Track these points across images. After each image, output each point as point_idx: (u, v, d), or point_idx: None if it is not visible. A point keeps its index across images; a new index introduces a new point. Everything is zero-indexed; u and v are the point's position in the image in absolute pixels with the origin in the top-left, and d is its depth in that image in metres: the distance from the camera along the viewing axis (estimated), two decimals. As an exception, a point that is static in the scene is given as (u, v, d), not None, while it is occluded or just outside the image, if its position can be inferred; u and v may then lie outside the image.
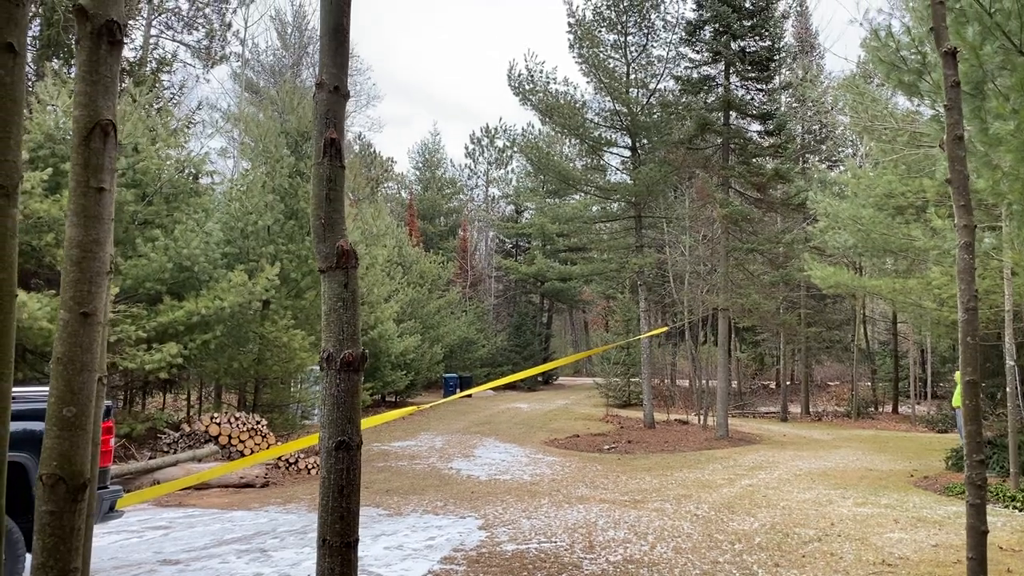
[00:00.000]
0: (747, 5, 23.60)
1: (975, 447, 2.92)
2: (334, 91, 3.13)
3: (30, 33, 19.88)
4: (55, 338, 1.84)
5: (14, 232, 1.86)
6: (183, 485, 7.76)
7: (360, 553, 8.26)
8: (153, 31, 27.64)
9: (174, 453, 13.37)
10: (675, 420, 25.75)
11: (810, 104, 30.73)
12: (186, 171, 15.08)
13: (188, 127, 17.14)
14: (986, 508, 3.03)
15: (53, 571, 1.75)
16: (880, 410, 32.33)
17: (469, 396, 34.55)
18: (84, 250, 1.83)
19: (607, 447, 19.24)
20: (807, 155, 33.16)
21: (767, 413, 32.09)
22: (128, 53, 19.84)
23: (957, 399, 17.92)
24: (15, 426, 6.55)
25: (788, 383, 34.25)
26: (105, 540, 8.64)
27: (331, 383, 3.03)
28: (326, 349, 3.06)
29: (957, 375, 18.36)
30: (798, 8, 37.67)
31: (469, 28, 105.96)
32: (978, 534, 2.88)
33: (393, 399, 30.42)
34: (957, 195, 2.97)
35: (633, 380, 31.62)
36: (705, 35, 24.23)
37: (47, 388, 1.92)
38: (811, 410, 32.12)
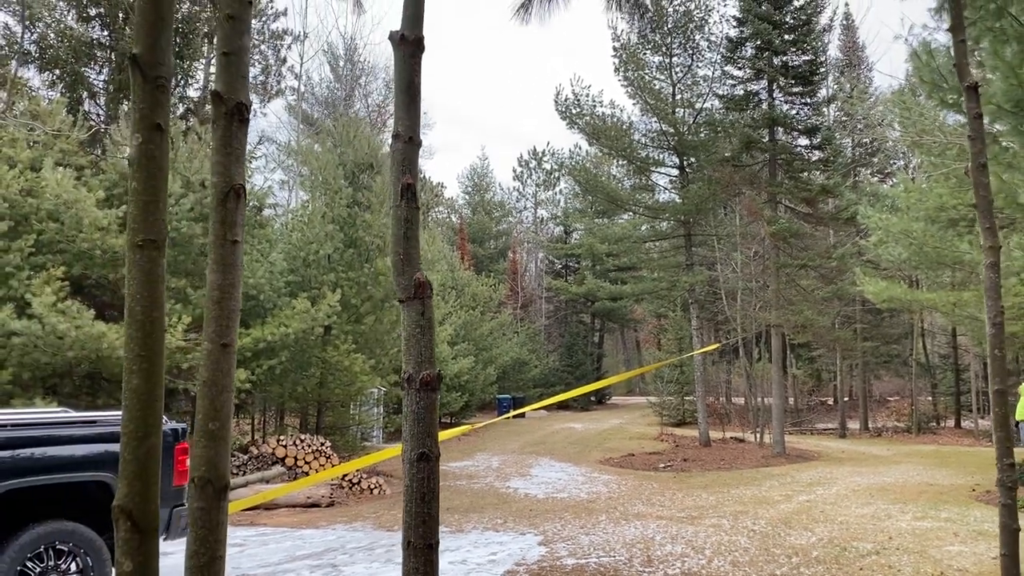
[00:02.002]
0: (787, 20, 23.72)
1: (1005, 451, 3.14)
2: (408, 141, 3.53)
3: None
4: (200, 365, 2.23)
5: (163, 277, 2.26)
6: (254, 503, 8.24)
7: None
8: (212, 69, 28.87)
9: (244, 475, 13.92)
10: (731, 438, 25.64)
11: (859, 118, 30.53)
12: (250, 204, 15.77)
13: (251, 161, 17.89)
14: (1017, 507, 3.23)
15: (204, 557, 2.13)
16: (942, 425, 31.64)
17: (522, 416, 34.81)
18: (223, 292, 2.22)
19: (662, 465, 19.32)
20: (858, 168, 32.88)
21: (825, 430, 31.67)
22: (193, 93, 20.86)
23: (1019, 412, 17.61)
24: (101, 448, 7.07)
25: (846, 399, 33.76)
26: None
27: (412, 401, 3.40)
28: (407, 371, 3.43)
29: (1021, 387, 18.09)
30: (844, 22, 37.49)
31: (516, 53, 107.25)
32: (1010, 531, 3.09)
33: (448, 420, 30.84)
34: (982, 218, 3.20)
35: (687, 398, 31.52)
36: (747, 52, 24.39)
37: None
38: (870, 426, 31.61)
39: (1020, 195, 7.08)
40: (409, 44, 3.54)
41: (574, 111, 24.42)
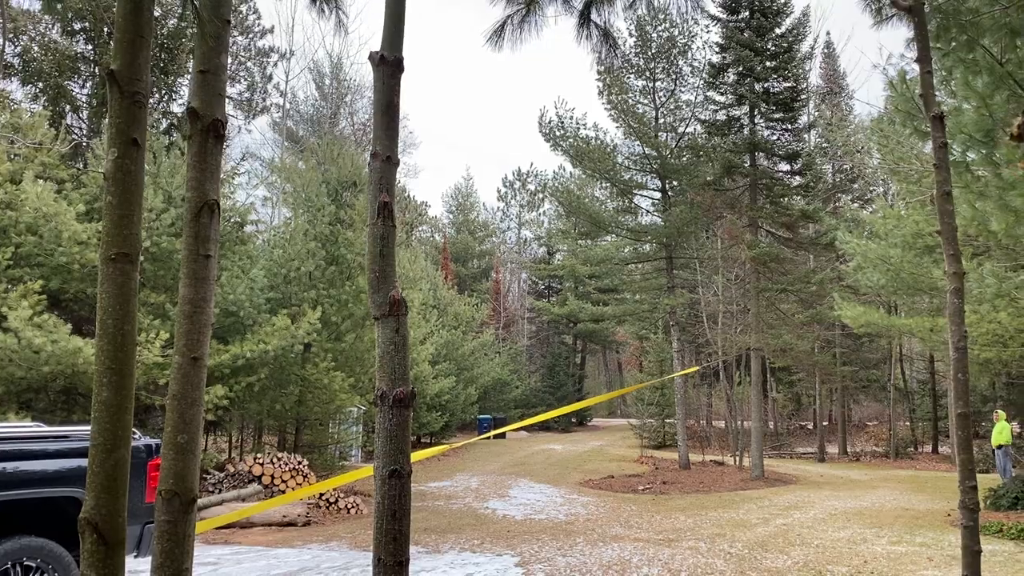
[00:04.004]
0: (769, 47, 24.05)
1: (967, 474, 3.19)
2: (386, 160, 3.57)
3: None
4: (170, 378, 2.24)
5: (136, 291, 2.28)
6: (228, 521, 8.16)
7: (401, 587, 8.54)
8: (198, 85, 28.77)
9: (219, 493, 13.79)
10: (710, 461, 25.68)
11: (838, 145, 30.95)
12: (232, 220, 15.74)
13: (233, 178, 17.88)
14: (978, 529, 3.28)
15: (169, 570, 2.13)
16: (919, 450, 31.87)
17: (503, 436, 34.70)
18: (194, 306, 2.24)
19: (642, 488, 19.31)
20: (839, 194, 33.26)
21: (804, 454, 31.80)
22: (177, 108, 20.84)
23: (996, 438, 17.78)
24: (72, 463, 7.00)
25: (825, 423, 33.94)
26: (158, 575, 9.02)
27: (384, 418, 3.41)
28: (380, 388, 3.44)
29: (998, 412, 18.32)
30: (825, 50, 38.09)
31: (502, 76, 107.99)
32: (972, 554, 3.13)
33: (428, 440, 30.70)
34: (947, 244, 3.28)
35: (668, 421, 31.57)
36: (729, 78, 24.70)
37: None
38: (849, 450, 31.77)
39: (992, 223, 7.22)
40: (389, 65, 3.59)
41: (558, 133, 24.59)
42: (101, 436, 2.15)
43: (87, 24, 20.20)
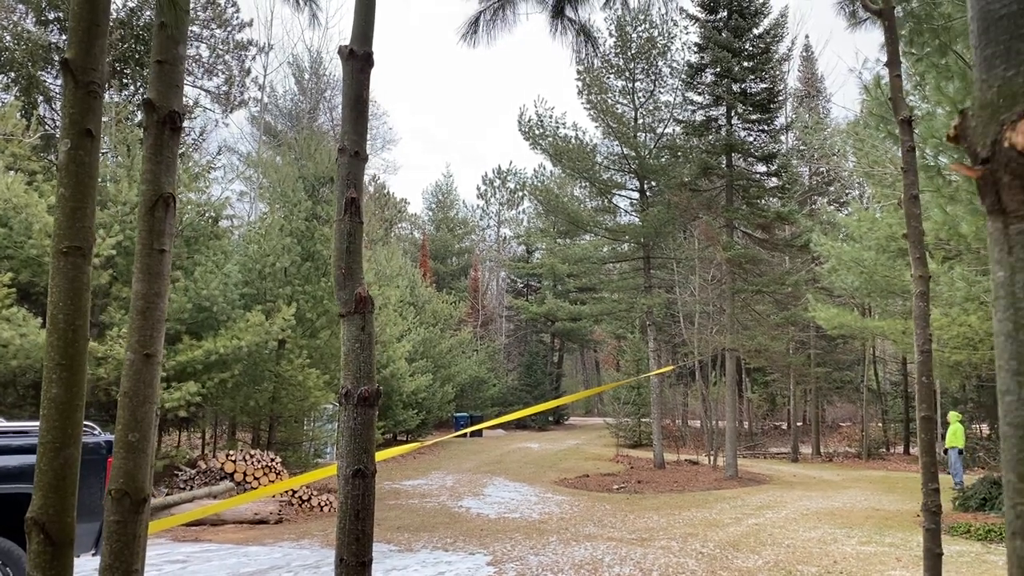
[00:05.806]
0: (747, 48, 24.17)
1: (930, 476, 3.21)
2: (354, 155, 3.52)
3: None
4: (122, 375, 2.19)
5: (88, 285, 2.22)
6: (192, 518, 8.07)
7: (371, 586, 8.49)
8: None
9: (190, 490, 13.65)
10: (685, 460, 25.81)
11: (815, 148, 31.18)
12: (207, 215, 15.58)
13: (209, 172, 17.69)
14: (940, 532, 3.30)
15: (119, 571, 2.08)
16: (891, 451, 32.20)
17: (479, 434, 34.68)
18: (148, 301, 2.19)
19: (616, 487, 19.36)
20: (814, 196, 33.50)
21: (778, 454, 32.02)
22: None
23: (950, 439, 18.00)
24: (30, 459, 6.88)
25: (799, 424, 34.19)
26: (125, 573, 8.90)
27: (349, 417, 3.38)
28: (344, 386, 3.41)
29: (951, 415, 18.56)
30: (803, 53, 38.37)
31: (483, 74, 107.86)
32: (933, 556, 3.15)
33: (405, 438, 30.60)
34: (913, 248, 3.29)
35: (644, 420, 31.67)
36: (707, 78, 24.80)
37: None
38: (822, 451, 32.03)
39: (962, 226, 7.29)
40: (358, 59, 3.54)
41: (537, 132, 24.60)
42: (50, 434, 2.09)
43: (61, 14, 19.91)
